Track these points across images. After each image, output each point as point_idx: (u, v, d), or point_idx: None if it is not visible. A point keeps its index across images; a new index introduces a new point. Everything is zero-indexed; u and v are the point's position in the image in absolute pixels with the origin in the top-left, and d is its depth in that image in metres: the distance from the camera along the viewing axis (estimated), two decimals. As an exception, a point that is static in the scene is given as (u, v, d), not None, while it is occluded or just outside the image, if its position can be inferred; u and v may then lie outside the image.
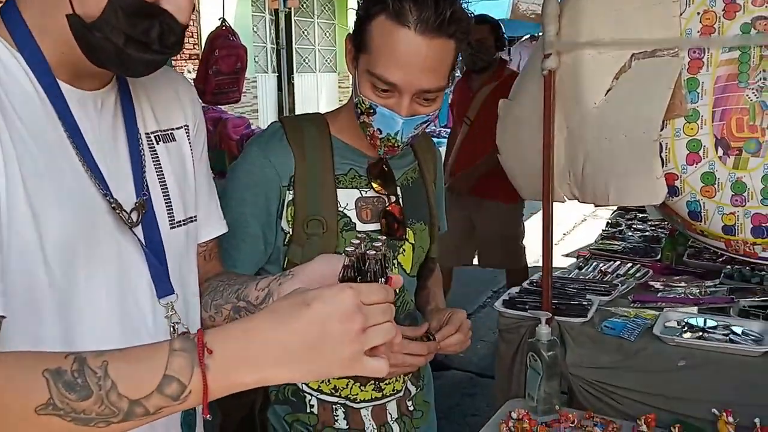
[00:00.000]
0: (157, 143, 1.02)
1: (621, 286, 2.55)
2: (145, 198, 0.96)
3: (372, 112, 1.28)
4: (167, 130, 1.04)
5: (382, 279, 0.82)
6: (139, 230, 0.95)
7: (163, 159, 1.02)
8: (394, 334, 0.78)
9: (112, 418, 0.71)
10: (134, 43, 0.83)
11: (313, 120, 1.44)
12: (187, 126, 1.08)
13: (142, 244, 0.95)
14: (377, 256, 0.82)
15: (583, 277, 2.73)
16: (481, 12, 3.98)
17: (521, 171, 2.38)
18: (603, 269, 2.83)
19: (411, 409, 1.52)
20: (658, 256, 3.00)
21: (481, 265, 4.23)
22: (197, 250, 1.10)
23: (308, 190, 1.35)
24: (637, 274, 2.74)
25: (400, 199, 1.44)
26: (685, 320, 2.15)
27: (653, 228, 3.51)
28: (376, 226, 1.40)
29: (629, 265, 2.88)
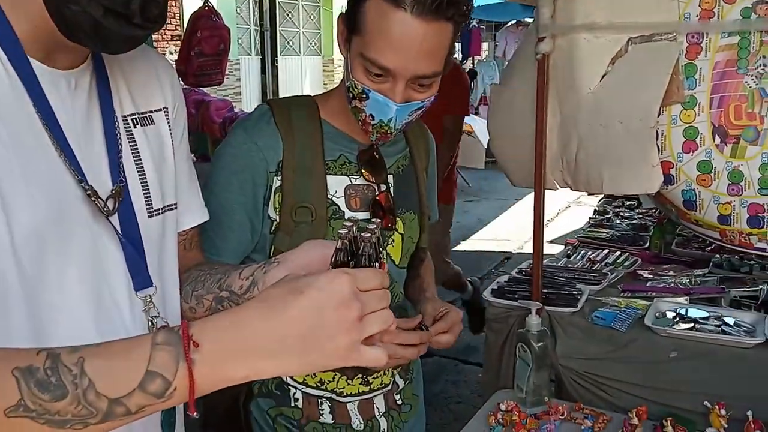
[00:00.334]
0: (135, 126, 0.95)
1: (610, 275, 2.52)
2: (122, 185, 0.90)
3: (365, 97, 1.22)
4: (145, 112, 0.98)
5: (376, 263, 0.77)
6: (115, 219, 0.89)
7: (141, 143, 0.96)
8: (392, 321, 0.73)
9: (90, 419, 0.65)
10: (114, 16, 0.77)
11: (303, 103, 1.37)
12: (167, 108, 1.02)
13: (119, 233, 0.89)
14: (371, 238, 0.77)
15: (572, 266, 2.70)
16: (476, -5, 3.93)
17: (512, 157, 2.34)
18: (591, 257, 2.82)
19: (399, 402, 1.49)
20: (647, 245, 2.99)
21: None
22: (177, 239, 1.04)
23: (297, 177, 1.29)
24: (626, 263, 2.73)
25: (391, 188, 1.39)
26: (677, 311, 2.13)
27: (641, 216, 3.51)
28: (365, 215, 1.34)
29: (618, 253, 2.86)
